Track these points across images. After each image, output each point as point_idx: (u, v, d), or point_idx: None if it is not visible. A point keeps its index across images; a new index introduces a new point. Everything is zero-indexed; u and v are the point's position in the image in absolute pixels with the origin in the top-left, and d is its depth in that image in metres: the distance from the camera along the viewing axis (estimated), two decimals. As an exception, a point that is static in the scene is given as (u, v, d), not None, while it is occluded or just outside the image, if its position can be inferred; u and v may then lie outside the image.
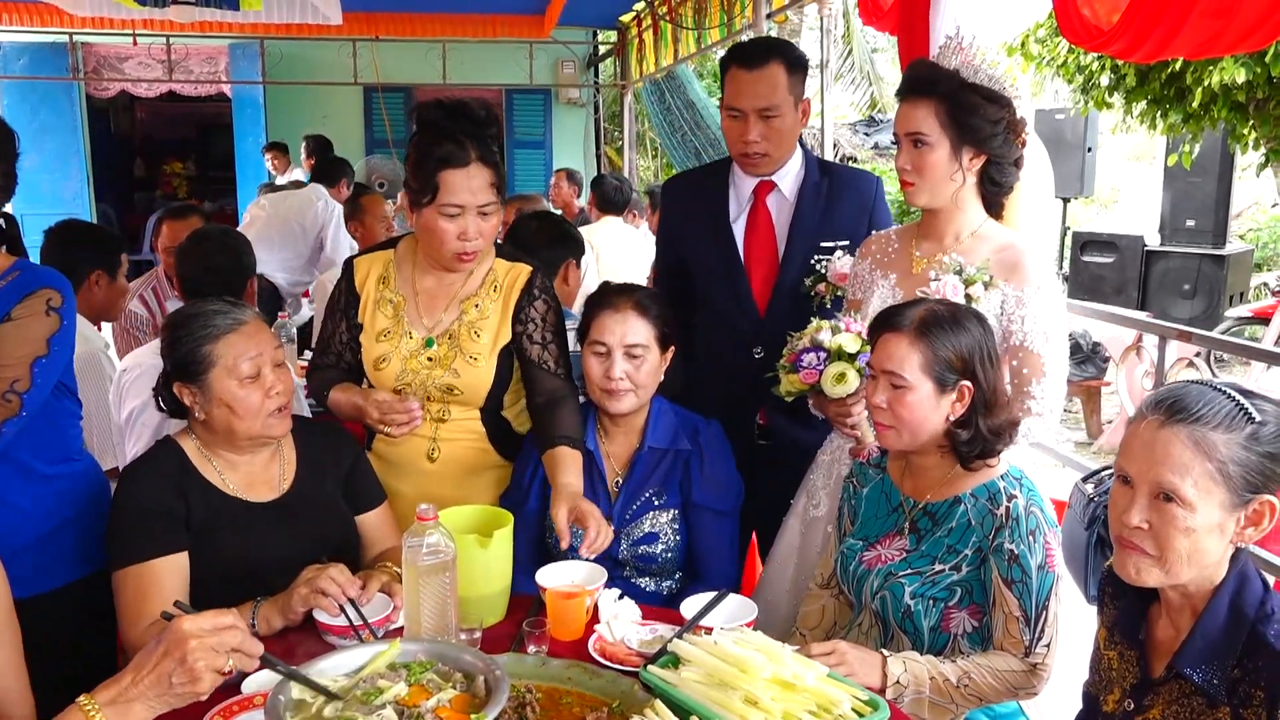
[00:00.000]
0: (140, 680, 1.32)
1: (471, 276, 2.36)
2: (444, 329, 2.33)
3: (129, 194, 12.67)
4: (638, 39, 8.80)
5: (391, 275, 2.38)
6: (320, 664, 1.53)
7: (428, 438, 2.36)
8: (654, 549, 2.26)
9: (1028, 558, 1.83)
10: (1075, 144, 8.95)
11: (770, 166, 2.61)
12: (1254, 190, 12.13)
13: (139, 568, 1.89)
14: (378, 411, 2.23)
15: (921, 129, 2.19)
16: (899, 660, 1.81)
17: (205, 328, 1.95)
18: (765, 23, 5.36)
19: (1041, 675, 1.85)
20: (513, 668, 1.71)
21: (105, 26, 8.18)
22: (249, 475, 2.05)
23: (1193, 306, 8.61)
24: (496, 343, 2.33)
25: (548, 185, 8.01)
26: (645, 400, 2.28)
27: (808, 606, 2.19)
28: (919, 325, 1.89)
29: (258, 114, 9.77)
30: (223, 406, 1.95)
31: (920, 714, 1.80)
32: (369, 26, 8.43)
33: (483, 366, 2.32)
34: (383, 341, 2.34)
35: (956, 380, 1.89)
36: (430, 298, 2.35)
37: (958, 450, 1.92)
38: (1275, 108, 6.31)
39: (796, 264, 2.58)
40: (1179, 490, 1.39)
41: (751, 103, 2.51)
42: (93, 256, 3.02)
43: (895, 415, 1.91)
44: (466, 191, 2.19)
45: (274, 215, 5.92)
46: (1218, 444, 1.38)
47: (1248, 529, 1.41)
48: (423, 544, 1.72)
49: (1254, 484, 1.38)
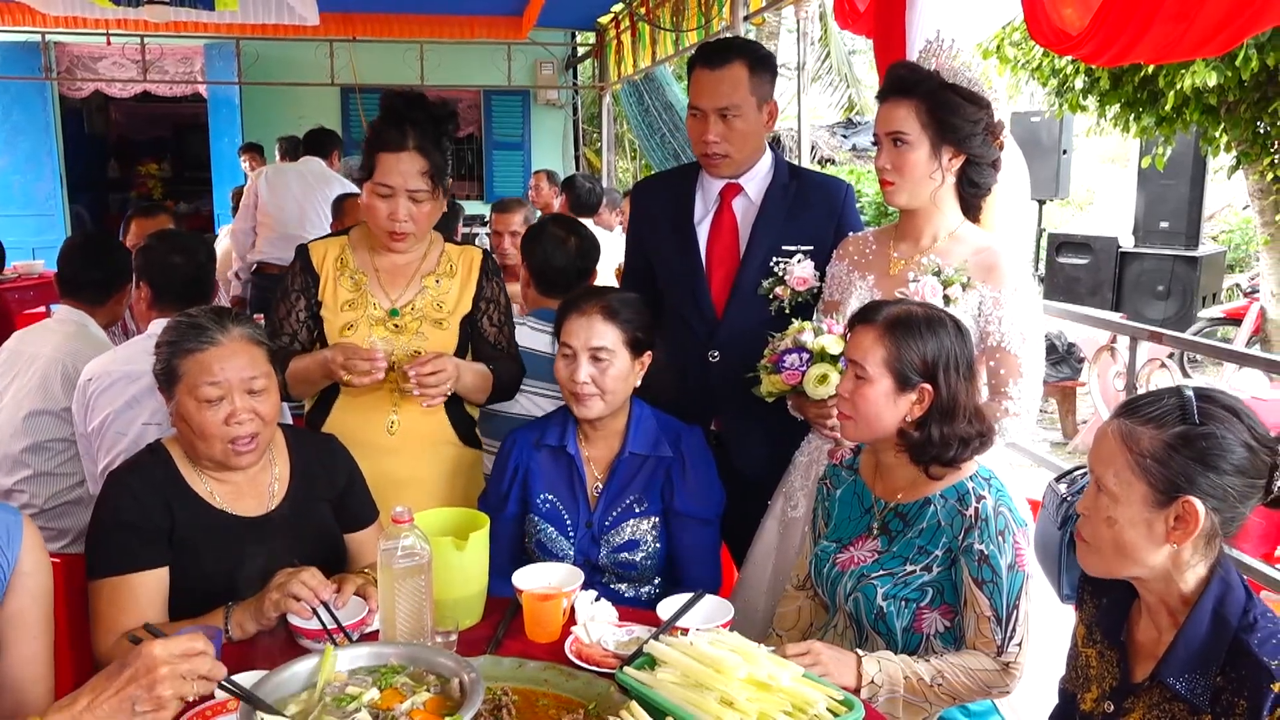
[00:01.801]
0: (99, 704, 1.29)
1: (427, 257, 2.52)
2: (407, 301, 2.47)
3: (103, 195, 12.55)
4: (616, 41, 8.80)
5: (348, 256, 2.49)
6: (275, 679, 1.50)
7: (388, 410, 2.42)
8: (634, 556, 2.25)
9: (997, 558, 1.84)
10: (1050, 146, 9.02)
11: (731, 168, 2.58)
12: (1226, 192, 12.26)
13: (116, 580, 1.86)
14: (343, 355, 2.25)
15: (902, 128, 2.21)
16: (873, 660, 1.82)
17: (182, 340, 1.92)
18: (743, 25, 5.37)
19: (1014, 674, 1.86)
20: (488, 670, 1.71)
21: (78, 26, 8.10)
22: (237, 488, 2.00)
23: (1166, 307, 8.70)
24: (457, 313, 2.50)
25: (526, 186, 7.98)
26: (615, 406, 2.26)
27: (784, 607, 2.19)
28: (889, 322, 1.92)
29: (233, 115, 9.68)
30: (184, 423, 1.92)
31: (895, 713, 1.81)
32: (346, 27, 8.38)
33: (448, 331, 2.48)
34: (347, 310, 2.44)
35: (918, 382, 1.90)
36: (390, 275, 2.48)
37: (910, 452, 1.93)
38: (1246, 111, 6.40)
39: (755, 267, 2.55)
40: (1103, 479, 1.44)
41: (711, 102, 2.50)
42: (125, 272, 3.17)
43: (853, 405, 1.94)
44: (397, 174, 2.33)
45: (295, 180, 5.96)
46: (1141, 438, 1.41)
47: (1176, 530, 1.41)
48: (398, 546, 1.71)
49: (1176, 484, 1.39)
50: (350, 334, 2.40)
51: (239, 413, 1.89)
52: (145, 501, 1.90)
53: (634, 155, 13.05)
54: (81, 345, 2.99)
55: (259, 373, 1.93)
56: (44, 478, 2.92)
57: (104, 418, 2.62)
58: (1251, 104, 6.38)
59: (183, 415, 1.92)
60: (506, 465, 2.33)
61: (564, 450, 2.31)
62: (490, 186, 10.50)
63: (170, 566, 1.91)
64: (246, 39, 8.98)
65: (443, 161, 2.38)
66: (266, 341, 2.00)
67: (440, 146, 2.37)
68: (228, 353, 1.91)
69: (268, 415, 1.95)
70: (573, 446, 2.31)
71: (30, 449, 2.89)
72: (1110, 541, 1.44)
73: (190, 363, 1.89)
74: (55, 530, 2.90)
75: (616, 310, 2.25)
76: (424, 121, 2.35)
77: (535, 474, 2.32)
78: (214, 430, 1.89)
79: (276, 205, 5.94)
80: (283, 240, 5.79)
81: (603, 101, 9.74)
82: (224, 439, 1.90)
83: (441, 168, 2.38)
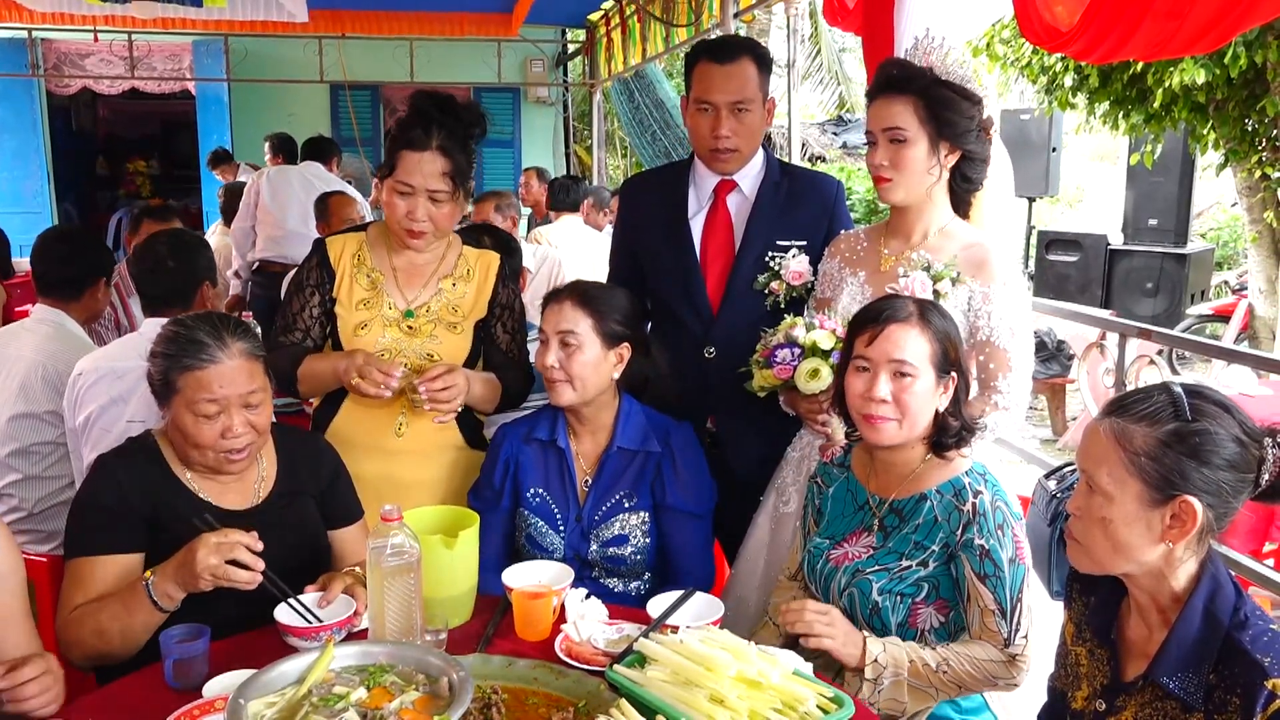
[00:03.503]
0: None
1: (445, 259, 2.49)
2: (423, 303, 2.44)
3: (91, 193, 12.49)
4: (606, 38, 8.79)
5: (365, 253, 2.46)
6: (263, 678, 1.50)
7: (397, 411, 2.38)
8: (623, 551, 2.26)
9: (999, 551, 1.85)
10: (1040, 144, 9.03)
11: (739, 163, 2.58)
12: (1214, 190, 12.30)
13: (83, 560, 1.89)
14: (362, 360, 2.24)
15: (900, 124, 2.20)
16: (878, 642, 1.83)
17: (180, 354, 1.91)
18: (733, 22, 5.36)
19: (1021, 666, 1.87)
20: (478, 668, 1.71)
21: (66, 22, 8.06)
22: (221, 483, 2.02)
23: (1155, 304, 8.72)
24: (472, 317, 2.48)
25: (517, 184, 7.96)
26: (587, 395, 2.25)
27: (778, 598, 2.18)
28: (921, 314, 1.92)
29: (222, 112, 9.64)
30: (178, 432, 1.95)
31: (899, 697, 1.82)
32: (335, 24, 8.34)
33: (462, 335, 2.45)
34: (362, 310, 2.42)
35: (949, 370, 1.92)
36: (407, 275, 2.46)
37: (943, 440, 1.94)
38: (1234, 109, 6.42)
39: (751, 262, 2.55)
40: (1095, 478, 1.43)
41: (724, 96, 2.49)
42: (98, 266, 3.15)
43: (900, 406, 1.91)
44: (418, 173, 2.31)
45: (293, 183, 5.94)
46: (1134, 436, 1.40)
47: (1172, 528, 1.41)
48: (387, 545, 1.70)
49: (1172, 482, 1.38)
50: (364, 333, 2.38)
51: (235, 427, 1.92)
52: (126, 487, 1.92)
53: (624, 153, 13.05)
54: (60, 345, 2.96)
55: (257, 386, 1.95)
56: (32, 481, 2.90)
57: (89, 413, 2.61)
58: (1240, 102, 6.41)
59: (178, 425, 1.94)
60: (497, 459, 2.34)
61: (554, 444, 2.31)
62: (480, 184, 10.47)
63: (152, 554, 1.92)
64: (235, 36, 8.92)
65: (466, 164, 2.37)
66: (263, 354, 2.00)
67: (465, 149, 2.37)
68: (227, 370, 1.91)
69: (262, 426, 1.98)
70: (563, 440, 2.31)
71: (16, 453, 2.87)
72: (1104, 541, 1.44)
73: (189, 379, 1.90)
74: (45, 533, 2.88)
75: (590, 298, 2.26)
76: (450, 123, 2.34)
77: (526, 468, 2.32)
78: (209, 442, 1.92)
79: (279, 205, 5.93)
80: (285, 239, 5.81)
81: (593, 99, 9.73)
82: (218, 450, 1.93)
83: (464, 170, 2.37)
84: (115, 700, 1.64)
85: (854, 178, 12.73)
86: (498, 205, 5.19)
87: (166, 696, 1.64)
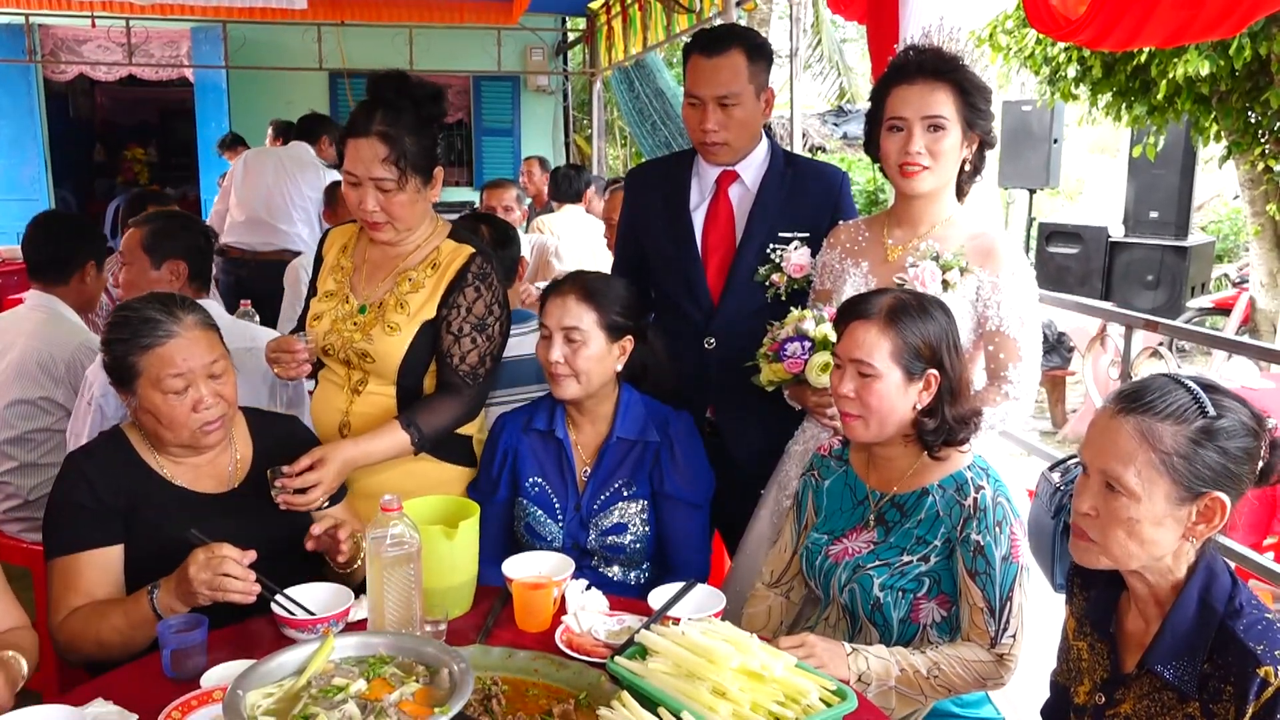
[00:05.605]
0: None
1: (415, 251, 2.35)
2: (377, 298, 2.33)
3: (89, 180, 12.45)
4: (607, 26, 8.74)
5: (351, 244, 2.44)
6: (262, 668, 1.49)
7: (341, 410, 2.34)
8: (622, 539, 2.25)
9: (993, 549, 1.83)
10: (1041, 135, 9.01)
11: (730, 156, 2.56)
12: (1216, 183, 12.28)
13: (66, 559, 1.90)
14: (274, 348, 2.27)
15: (942, 111, 2.16)
16: (861, 657, 1.80)
17: (134, 337, 1.92)
18: (735, 10, 5.34)
19: (1008, 666, 1.85)
20: (478, 659, 1.70)
21: (63, 8, 8.02)
22: (194, 469, 2.03)
23: (1155, 297, 8.71)
24: (418, 317, 2.29)
25: (517, 173, 7.93)
26: (591, 388, 2.24)
27: (753, 608, 2.15)
28: (888, 313, 1.88)
29: (220, 99, 9.58)
30: (148, 415, 1.94)
31: (888, 705, 1.80)
32: (334, 11, 8.28)
33: (398, 337, 2.28)
34: (323, 301, 2.39)
35: (924, 369, 1.88)
36: (374, 267, 2.38)
37: (923, 439, 1.91)
38: (1237, 101, 6.38)
39: (752, 253, 2.53)
40: (1122, 479, 1.40)
41: (710, 90, 2.47)
42: (86, 248, 3.14)
43: (863, 404, 1.90)
44: (359, 162, 2.20)
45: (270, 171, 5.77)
46: (1164, 435, 1.38)
47: (1199, 525, 1.41)
48: (387, 535, 1.69)
49: (1203, 479, 1.38)
50: (315, 324, 2.37)
51: (205, 399, 1.94)
52: (97, 482, 1.93)
53: (624, 142, 13.00)
54: (54, 331, 2.95)
55: (217, 355, 1.98)
56: (28, 469, 2.89)
57: (90, 395, 2.60)
58: (1243, 93, 6.37)
59: (147, 408, 1.93)
60: (496, 449, 2.33)
61: (553, 434, 2.31)
62: (479, 173, 10.44)
63: (131, 544, 1.94)
64: (233, 23, 8.89)
65: (417, 148, 2.20)
66: (215, 323, 2.02)
67: (416, 131, 2.20)
68: (186, 343, 1.93)
69: (230, 396, 2.00)
70: (561, 430, 2.31)
71: (12, 441, 2.86)
72: (1128, 541, 1.42)
73: (150, 358, 1.91)
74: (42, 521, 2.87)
75: (593, 292, 2.24)
76: (396, 104, 2.19)
77: (524, 458, 2.32)
78: (183, 419, 1.93)
79: (248, 188, 5.72)
80: (248, 225, 5.63)
81: (593, 88, 9.68)
82: (192, 426, 1.94)
83: (412, 154, 2.19)
84: (112, 690, 1.63)
85: (854, 168, 12.69)
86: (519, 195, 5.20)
87: (164, 686, 1.64)
